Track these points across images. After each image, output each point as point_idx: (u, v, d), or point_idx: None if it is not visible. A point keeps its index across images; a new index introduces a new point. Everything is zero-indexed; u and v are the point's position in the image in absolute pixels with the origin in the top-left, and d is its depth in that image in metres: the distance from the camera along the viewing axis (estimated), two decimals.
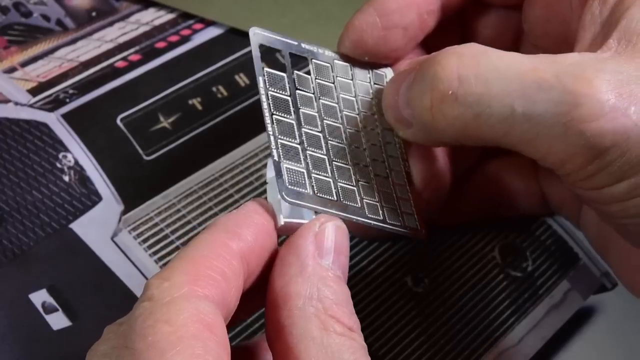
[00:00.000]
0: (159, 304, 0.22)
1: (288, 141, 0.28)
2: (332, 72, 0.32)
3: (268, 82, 0.29)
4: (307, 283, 0.24)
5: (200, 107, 0.42)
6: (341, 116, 0.31)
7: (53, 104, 0.41)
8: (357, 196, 0.29)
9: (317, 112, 0.30)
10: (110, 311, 0.34)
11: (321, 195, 0.28)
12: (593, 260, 0.38)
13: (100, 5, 0.46)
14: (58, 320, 0.34)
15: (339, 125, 0.30)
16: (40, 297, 0.34)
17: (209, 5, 0.46)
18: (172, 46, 0.44)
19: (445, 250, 0.37)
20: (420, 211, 0.31)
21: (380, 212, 0.29)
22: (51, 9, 0.46)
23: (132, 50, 0.44)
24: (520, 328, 0.35)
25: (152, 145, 0.40)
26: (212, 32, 0.45)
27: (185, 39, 0.45)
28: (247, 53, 0.44)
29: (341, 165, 0.29)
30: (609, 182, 0.26)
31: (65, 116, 0.40)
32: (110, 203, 0.37)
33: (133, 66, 0.43)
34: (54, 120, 0.40)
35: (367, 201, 0.29)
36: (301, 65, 0.31)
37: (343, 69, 0.32)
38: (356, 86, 0.32)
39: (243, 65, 0.44)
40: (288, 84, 0.30)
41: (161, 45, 0.44)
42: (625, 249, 0.32)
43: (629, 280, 0.33)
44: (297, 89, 0.30)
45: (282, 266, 0.25)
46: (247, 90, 0.43)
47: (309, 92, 0.30)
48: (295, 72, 0.30)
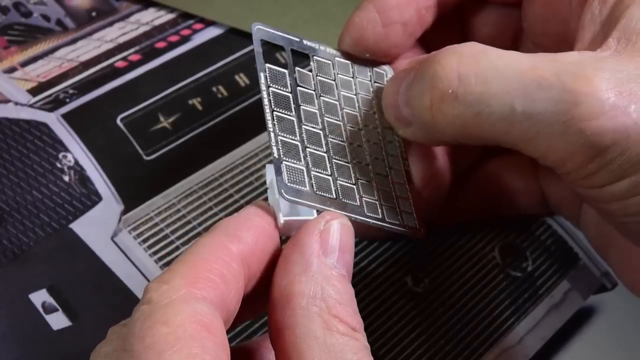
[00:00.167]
0: (157, 307, 0.22)
1: (288, 138, 0.28)
2: (334, 70, 0.32)
3: (269, 79, 0.29)
4: (311, 282, 0.24)
5: (200, 107, 0.42)
6: (342, 114, 0.31)
7: (53, 104, 0.41)
8: (357, 194, 0.29)
9: (318, 110, 0.30)
10: (110, 311, 0.34)
11: (320, 193, 0.28)
12: (593, 260, 0.38)
13: (100, 5, 0.46)
14: (58, 320, 0.34)
15: (339, 123, 0.30)
16: (40, 297, 0.34)
17: (209, 5, 0.46)
18: (172, 46, 0.44)
19: (445, 250, 0.37)
20: (419, 210, 0.31)
21: (379, 211, 0.29)
22: (51, 9, 0.46)
23: (132, 50, 0.44)
24: (520, 328, 0.35)
25: (152, 145, 0.40)
26: (212, 32, 0.45)
27: (185, 39, 0.45)
28: (247, 53, 0.44)
29: (341, 163, 0.29)
30: (610, 181, 0.26)
31: (65, 116, 0.40)
32: (110, 203, 0.37)
33: (133, 66, 0.43)
34: (54, 120, 0.40)
35: (367, 200, 0.29)
36: (302, 64, 0.31)
37: (344, 67, 0.32)
38: (357, 84, 0.32)
39: (243, 65, 0.44)
40: (289, 81, 0.30)
41: (161, 45, 0.44)
42: (625, 248, 0.32)
43: (629, 279, 0.33)
44: (299, 86, 0.30)
45: (286, 264, 0.25)
46: (247, 90, 0.43)
47: (310, 89, 0.30)
48: (296, 69, 0.30)
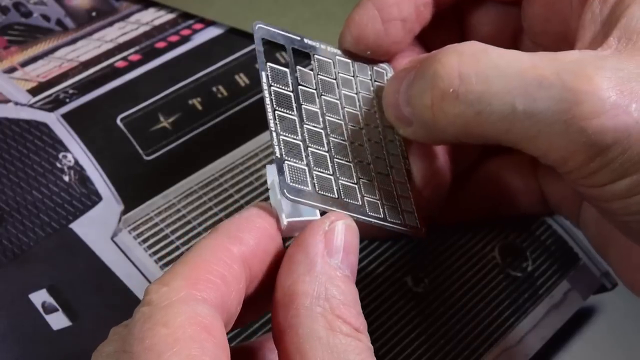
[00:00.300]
0: (157, 308, 0.22)
1: (290, 138, 0.28)
2: (334, 69, 0.32)
3: (271, 78, 0.29)
4: (315, 282, 0.24)
5: (200, 107, 0.42)
6: (343, 113, 0.31)
7: (53, 104, 0.41)
8: (358, 194, 0.29)
9: (319, 109, 0.30)
10: (110, 311, 0.34)
11: (323, 193, 0.28)
12: (593, 260, 0.38)
13: (100, 5, 0.46)
14: (58, 320, 0.34)
15: (341, 122, 0.30)
16: (40, 297, 0.34)
17: (209, 5, 0.46)
18: (172, 46, 0.44)
19: (445, 250, 0.37)
20: (420, 209, 0.31)
21: (380, 210, 0.29)
22: (51, 9, 0.46)
23: (132, 50, 0.44)
24: (520, 328, 0.35)
25: (152, 145, 0.40)
26: (212, 32, 0.45)
27: (185, 39, 0.45)
28: (247, 53, 0.44)
29: (342, 162, 0.29)
30: (611, 180, 0.26)
31: (65, 116, 0.40)
32: (110, 203, 0.37)
33: (133, 66, 0.43)
34: (54, 120, 0.40)
35: (368, 199, 0.29)
36: (303, 63, 0.31)
37: (345, 65, 0.32)
38: (357, 83, 0.32)
39: (243, 65, 0.44)
40: (291, 80, 0.30)
41: (161, 45, 0.44)
42: (625, 248, 0.32)
43: (629, 278, 0.33)
44: (300, 85, 0.30)
45: (290, 264, 0.25)
46: (247, 90, 0.43)
47: (312, 88, 0.30)
48: (298, 68, 0.30)
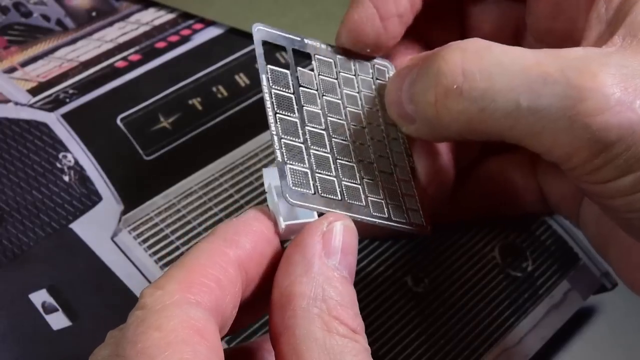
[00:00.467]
0: (151, 312, 0.22)
1: (292, 141, 0.28)
2: (335, 68, 0.31)
3: (271, 80, 0.29)
4: (312, 283, 0.24)
5: (200, 107, 0.42)
6: (345, 113, 0.30)
7: (53, 104, 0.41)
8: (362, 194, 0.29)
9: (321, 109, 0.30)
10: (110, 311, 0.34)
11: (326, 195, 0.27)
12: (593, 260, 0.38)
13: (100, 5, 0.46)
14: (58, 320, 0.34)
15: (343, 122, 0.30)
16: (40, 297, 0.34)
17: (209, 5, 0.46)
18: (172, 46, 0.44)
19: (445, 250, 0.37)
20: (425, 207, 0.31)
21: (385, 210, 0.29)
22: (51, 9, 0.46)
23: (132, 50, 0.44)
24: (520, 328, 0.35)
25: (152, 145, 0.40)
26: (212, 32, 0.45)
27: (185, 39, 0.45)
28: (247, 53, 0.44)
29: (345, 163, 0.29)
30: (615, 176, 0.26)
31: (65, 116, 0.40)
32: (110, 203, 0.37)
33: (133, 66, 0.43)
34: (54, 120, 0.40)
35: (372, 199, 0.29)
36: (303, 64, 0.31)
37: (345, 65, 0.32)
38: (359, 82, 0.32)
39: (243, 65, 0.44)
40: (291, 81, 0.29)
41: (161, 45, 0.44)
42: (625, 246, 0.32)
43: (629, 277, 0.33)
44: (301, 86, 0.30)
45: (288, 265, 0.25)
46: (247, 90, 0.43)
47: (313, 89, 0.30)
48: (298, 69, 0.30)
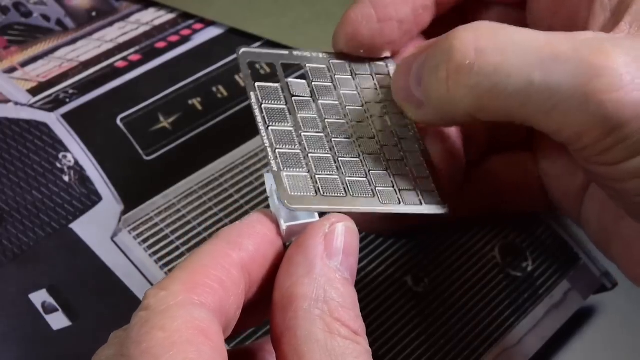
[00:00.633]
0: (155, 312, 0.22)
1: (287, 149, 0.28)
2: (330, 72, 0.32)
3: (261, 96, 0.29)
4: (314, 284, 0.24)
5: (200, 107, 0.42)
6: (345, 112, 0.31)
7: (53, 104, 0.41)
8: (369, 186, 0.29)
9: (317, 114, 0.30)
10: (110, 311, 0.34)
11: (327, 194, 0.28)
12: (593, 260, 0.38)
13: (100, 5, 0.46)
14: (58, 320, 0.34)
15: (343, 121, 0.30)
16: (40, 297, 0.34)
17: (209, 5, 0.46)
18: (172, 46, 0.44)
19: (445, 250, 0.37)
20: (441, 187, 0.30)
21: (396, 197, 0.29)
22: (51, 9, 0.46)
23: (132, 50, 0.44)
24: (520, 328, 0.35)
25: (152, 145, 0.40)
26: (212, 32, 0.45)
27: (185, 39, 0.45)
28: None
29: (349, 159, 0.29)
30: (625, 157, 0.26)
31: (65, 116, 0.40)
32: (110, 203, 0.37)
33: (133, 66, 0.43)
34: (54, 120, 0.40)
35: (381, 189, 0.29)
36: (295, 74, 0.31)
37: (340, 67, 0.32)
38: (357, 80, 0.32)
39: None
40: (283, 93, 0.30)
41: (161, 45, 0.44)
42: (628, 241, 0.32)
43: (633, 272, 0.33)
44: (294, 96, 0.30)
45: (289, 266, 0.25)
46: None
47: (306, 96, 0.30)
48: (289, 80, 0.30)
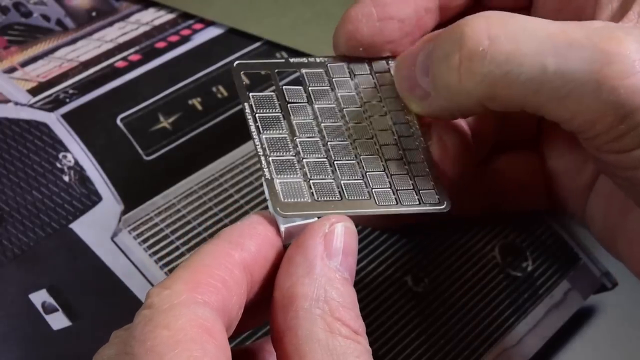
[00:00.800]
0: (158, 311, 0.22)
1: (281, 156, 0.28)
2: (327, 76, 0.31)
3: (255, 106, 0.29)
4: (314, 284, 0.24)
5: (200, 107, 0.42)
6: (342, 115, 0.31)
7: (53, 104, 0.41)
8: (365, 188, 0.29)
9: (313, 118, 0.30)
10: (110, 311, 0.34)
11: (322, 199, 0.28)
12: (593, 260, 0.38)
13: (100, 5, 0.46)
14: (58, 320, 0.34)
15: (340, 123, 0.30)
16: (40, 297, 0.34)
17: (209, 5, 0.46)
18: (172, 46, 0.44)
19: (445, 250, 0.37)
20: (440, 184, 0.30)
21: (393, 198, 0.29)
22: (51, 9, 0.46)
23: (132, 50, 0.44)
24: (520, 328, 0.35)
25: (152, 145, 0.40)
26: (212, 32, 0.45)
27: (185, 39, 0.45)
28: (247, 53, 0.44)
29: (345, 162, 0.29)
30: (638, 144, 0.26)
31: (65, 116, 0.40)
32: (110, 203, 0.37)
33: (133, 66, 0.43)
34: (54, 120, 0.40)
35: (377, 190, 0.29)
36: (287, 74, 0.31)
37: (338, 69, 0.32)
38: (356, 80, 0.32)
39: None
40: (278, 101, 0.30)
41: (161, 45, 0.44)
42: (634, 237, 0.32)
43: None
44: (289, 103, 0.30)
45: (289, 266, 0.25)
46: (248, 90, 0.43)
47: (302, 102, 0.30)
48: (284, 87, 0.30)
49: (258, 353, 0.29)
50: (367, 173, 0.29)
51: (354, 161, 0.29)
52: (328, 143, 0.29)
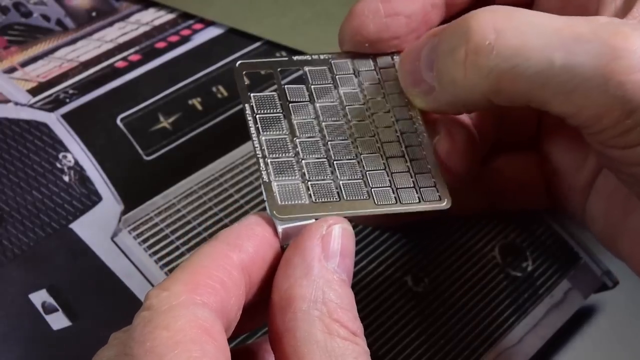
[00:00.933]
0: (158, 312, 0.22)
1: (279, 157, 0.28)
2: (330, 73, 0.31)
3: (256, 107, 0.29)
4: (312, 286, 0.24)
5: (200, 107, 0.42)
6: (344, 112, 0.30)
7: (53, 104, 0.41)
8: (364, 188, 0.28)
9: (314, 117, 0.30)
10: (110, 311, 0.34)
11: (320, 200, 0.27)
12: (594, 259, 0.38)
13: (100, 5, 0.46)
14: (58, 320, 0.34)
15: (342, 122, 0.30)
16: (40, 297, 0.34)
17: (209, 5, 0.46)
18: (172, 46, 0.44)
19: (445, 250, 0.37)
20: (441, 182, 0.30)
21: (392, 197, 0.29)
22: (51, 9, 0.46)
23: (132, 50, 0.44)
24: (520, 328, 0.35)
25: (152, 145, 0.40)
26: (212, 32, 0.45)
27: (185, 39, 0.45)
28: (247, 53, 0.44)
29: (345, 162, 0.29)
30: None
31: (65, 116, 0.40)
32: (110, 203, 0.37)
33: (133, 66, 0.43)
34: (54, 120, 0.40)
35: (377, 189, 0.29)
36: (290, 72, 0.31)
37: (342, 66, 0.32)
38: (360, 76, 0.32)
39: None
40: (279, 100, 0.30)
41: (161, 45, 0.44)
42: (635, 236, 0.32)
43: None
44: (290, 102, 0.30)
45: (287, 267, 0.25)
46: (248, 90, 0.43)
47: (304, 101, 0.30)
48: (286, 86, 0.30)
49: (257, 352, 0.29)
50: (367, 172, 0.29)
51: (354, 160, 0.29)
52: (328, 142, 0.29)
